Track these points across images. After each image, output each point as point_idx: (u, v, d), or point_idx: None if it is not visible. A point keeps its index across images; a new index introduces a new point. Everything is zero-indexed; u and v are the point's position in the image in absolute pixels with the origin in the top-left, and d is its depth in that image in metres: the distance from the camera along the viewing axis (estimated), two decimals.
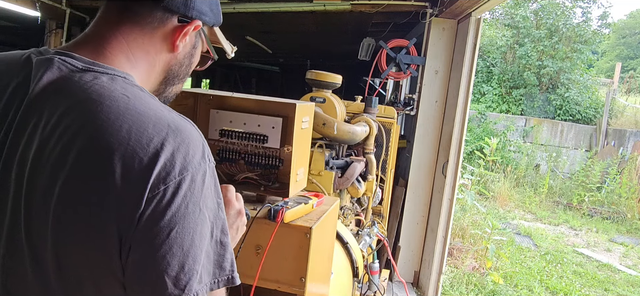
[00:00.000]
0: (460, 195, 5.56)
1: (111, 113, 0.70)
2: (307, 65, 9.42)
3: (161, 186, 0.68)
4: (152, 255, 0.68)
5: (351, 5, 4.12)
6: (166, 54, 0.86)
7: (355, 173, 2.59)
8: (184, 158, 0.71)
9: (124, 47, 0.81)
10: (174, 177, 0.69)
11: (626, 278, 5.76)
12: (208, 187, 0.74)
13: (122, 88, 0.75)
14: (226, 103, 1.51)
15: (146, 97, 0.76)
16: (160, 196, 0.68)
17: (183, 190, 0.69)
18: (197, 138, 0.75)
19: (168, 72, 0.88)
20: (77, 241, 0.69)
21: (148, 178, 0.67)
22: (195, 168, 0.72)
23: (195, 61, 0.93)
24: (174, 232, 0.68)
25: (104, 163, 0.68)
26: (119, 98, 0.72)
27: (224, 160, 1.51)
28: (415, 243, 4.35)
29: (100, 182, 0.67)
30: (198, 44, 0.91)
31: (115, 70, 0.78)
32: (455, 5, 3.65)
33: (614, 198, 8.89)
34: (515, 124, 11.33)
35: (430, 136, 4.20)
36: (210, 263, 0.74)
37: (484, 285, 4.86)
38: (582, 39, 12.83)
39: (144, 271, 0.68)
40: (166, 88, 0.91)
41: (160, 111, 0.74)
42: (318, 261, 1.44)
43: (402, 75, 4.16)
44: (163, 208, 0.68)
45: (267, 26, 5.78)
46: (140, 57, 0.83)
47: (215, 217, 0.75)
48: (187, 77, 0.94)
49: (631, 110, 11.98)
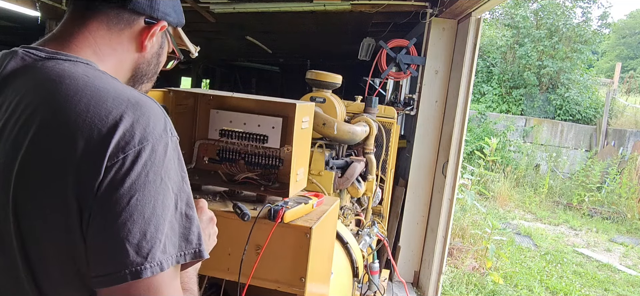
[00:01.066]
0: (460, 195, 5.56)
1: (70, 89, 0.72)
2: (307, 65, 9.43)
3: (120, 154, 0.68)
4: (113, 223, 0.66)
5: (351, 5, 4.12)
6: (134, 53, 0.88)
7: (355, 173, 2.59)
8: (144, 128, 0.71)
9: (91, 42, 0.83)
10: (133, 146, 0.69)
11: (626, 278, 5.76)
12: (170, 158, 0.73)
13: (83, 70, 0.76)
14: (226, 103, 1.52)
15: (107, 77, 0.78)
16: (119, 164, 0.67)
17: (143, 158, 0.69)
18: (158, 113, 0.76)
19: (136, 70, 0.91)
20: (39, 216, 0.70)
21: (106, 148, 0.68)
22: (156, 139, 0.72)
23: (163, 60, 0.96)
24: (134, 199, 0.67)
25: (63, 135, 0.69)
26: (79, 77, 0.74)
27: (224, 160, 1.51)
28: (415, 243, 4.35)
29: (58, 154, 0.68)
30: (164, 43, 0.94)
31: (79, 57, 0.80)
32: (455, 5, 3.65)
33: (614, 198, 8.89)
34: (515, 124, 11.33)
35: (430, 136, 4.20)
36: (175, 235, 0.72)
37: (484, 285, 4.86)
38: (582, 39, 12.82)
39: (105, 240, 0.67)
40: (134, 87, 0.92)
41: (120, 88, 0.76)
42: (318, 261, 1.44)
43: (402, 75, 4.16)
44: (122, 176, 0.67)
45: (267, 26, 5.78)
46: (107, 54, 0.84)
47: (180, 190, 0.74)
48: (156, 76, 0.97)
49: (631, 110, 11.98)
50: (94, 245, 0.68)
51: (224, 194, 1.51)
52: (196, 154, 1.55)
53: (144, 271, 0.66)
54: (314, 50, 8.74)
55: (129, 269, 0.66)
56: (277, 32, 6.46)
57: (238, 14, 4.45)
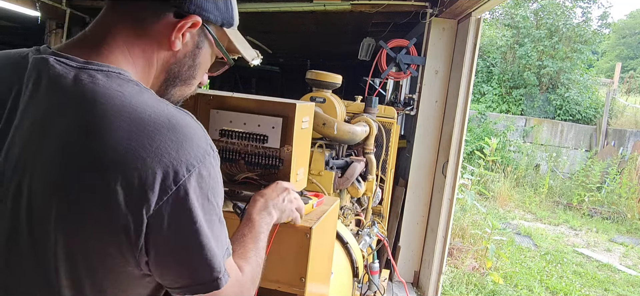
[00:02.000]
0: (460, 195, 5.56)
1: (107, 111, 0.70)
2: (307, 65, 9.43)
3: (173, 187, 0.70)
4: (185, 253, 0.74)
5: (351, 5, 4.12)
6: (165, 52, 0.83)
7: (355, 173, 2.59)
8: (189, 153, 0.72)
9: (121, 45, 0.79)
10: (183, 176, 0.70)
11: (626, 278, 5.76)
12: (214, 176, 0.77)
13: (117, 85, 0.74)
14: (226, 103, 1.51)
15: (142, 92, 0.76)
16: (174, 196, 0.70)
17: (193, 185, 0.72)
18: (199, 130, 0.76)
19: (168, 71, 0.85)
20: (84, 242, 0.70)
21: (155, 178, 0.68)
22: (200, 161, 0.73)
23: (202, 63, 0.89)
24: (197, 226, 0.73)
25: (105, 166, 0.67)
26: (114, 96, 0.72)
27: (224, 160, 1.51)
28: (415, 243, 4.36)
29: (103, 186, 0.68)
30: (203, 44, 0.87)
31: (110, 66, 0.76)
32: (455, 5, 3.65)
33: (614, 198, 8.89)
34: (515, 124, 11.33)
35: (430, 136, 4.20)
36: (221, 242, 0.80)
37: (484, 285, 4.86)
38: (582, 39, 12.83)
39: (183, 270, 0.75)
40: (167, 90, 0.88)
41: (158, 105, 0.74)
42: (318, 261, 1.44)
43: (402, 75, 4.16)
44: (181, 207, 0.71)
45: (267, 26, 5.78)
46: (137, 55, 0.81)
47: (220, 202, 0.80)
48: (194, 79, 0.90)
49: (631, 110, 11.98)
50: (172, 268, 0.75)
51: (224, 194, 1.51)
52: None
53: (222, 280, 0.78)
54: (314, 50, 8.74)
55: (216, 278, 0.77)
56: (277, 32, 6.46)
57: (238, 14, 4.45)
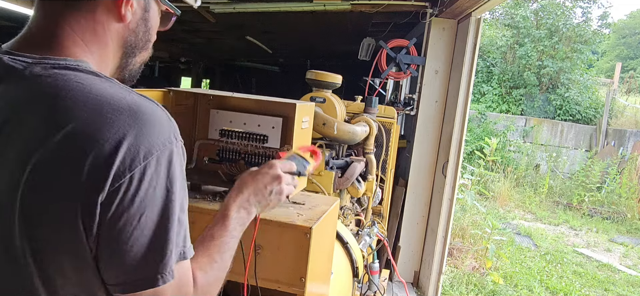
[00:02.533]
0: (460, 195, 5.56)
1: (67, 104, 0.70)
2: (307, 65, 9.42)
3: (127, 173, 0.68)
4: (127, 241, 0.70)
5: (351, 5, 4.12)
6: (116, 26, 0.82)
7: (355, 173, 2.59)
8: (148, 140, 0.70)
9: (71, 34, 0.78)
10: (139, 162, 0.69)
11: (626, 278, 5.76)
12: (175, 166, 0.74)
13: (75, 77, 0.73)
14: (226, 103, 1.52)
15: (102, 82, 0.75)
16: (126, 184, 0.68)
17: (149, 174, 0.70)
18: (162, 118, 0.74)
19: (125, 45, 0.85)
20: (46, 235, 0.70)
21: (111, 165, 0.67)
22: (160, 149, 0.71)
23: (154, 24, 0.89)
24: (144, 217, 0.70)
25: (65, 155, 0.68)
26: (73, 87, 0.71)
27: (224, 160, 1.51)
28: (415, 243, 4.35)
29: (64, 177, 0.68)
30: (150, 5, 0.86)
31: (67, 59, 0.76)
32: (455, 5, 3.65)
33: (614, 198, 8.89)
34: (515, 124, 11.33)
35: (430, 136, 4.20)
36: (179, 237, 0.76)
37: (484, 285, 4.86)
38: (582, 39, 12.82)
39: (120, 257, 0.70)
40: (128, 61, 0.87)
41: (118, 93, 0.73)
42: (318, 261, 1.44)
43: (402, 75, 4.16)
44: (131, 196, 0.69)
45: (267, 26, 5.78)
46: (90, 40, 0.79)
47: (182, 197, 0.76)
48: (150, 43, 0.90)
49: (631, 110, 11.98)
50: (107, 259, 0.71)
51: (224, 194, 1.51)
52: (196, 154, 1.55)
53: (159, 281, 0.72)
54: (314, 50, 8.73)
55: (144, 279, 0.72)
56: (277, 32, 6.46)
57: (238, 14, 4.45)
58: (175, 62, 11.10)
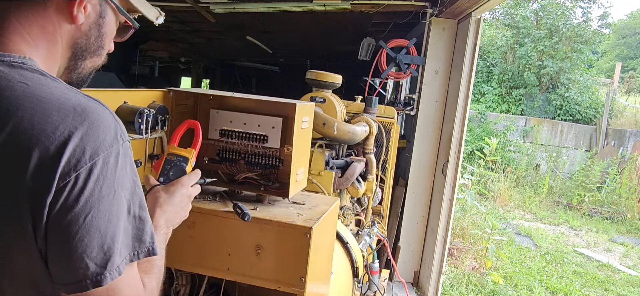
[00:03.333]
0: (460, 195, 5.56)
1: (10, 104, 0.68)
2: (307, 65, 9.42)
3: (72, 173, 0.68)
4: (72, 240, 0.69)
5: (351, 5, 4.12)
6: (67, 26, 0.80)
7: (355, 173, 2.59)
8: (94, 141, 0.70)
9: (18, 28, 0.76)
10: (84, 163, 0.68)
11: (626, 278, 5.76)
12: (122, 166, 0.73)
13: (19, 75, 0.72)
14: (226, 103, 1.52)
15: (47, 82, 0.73)
16: (72, 183, 0.68)
17: (95, 174, 0.69)
18: (107, 119, 0.73)
19: (75, 46, 0.83)
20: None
21: (56, 166, 0.67)
22: (106, 150, 0.71)
23: (108, 31, 0.87)
24: (90, 216, 0.69)
25: (9, 155, 0.67)
26: (16, 87, 0.70)
27: (224, 160, 1.51)
28: (415, 243, 4.35)
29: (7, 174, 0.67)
30: (106, 12, 0.85)
31: (12, 56, 0.74)
32: (455, 5, 3.65)
33: (614, 198, 8.89)
34: (515, 124, 11.33)
35: (430, 136, 4.20)
36: (128, 237, 0.75)
37: (484, 285, 4.86)
38: (582, 39, 12.82)
39: (66, 256, 0.70)
40: (77, 64, 0.85)
41: (64, 94, 0.72)
42: (318, 261, 1.44)
43: (402, 75, 4.16)
44: (77, 195, 0.68)
45: (267, 26, 5.78)
46: (38, 36, 0.78)
47: (132, 194, 0.76)
48: (103, 49, 0.88)
49: (631, 110, 11.98)
50: (54, 259, 0.70)
51: (224, 194, 1.51)
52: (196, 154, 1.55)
53: (104, 280, 0.71)
54: (314, 50, 8.73)
55: (90, 279, 0.70)
56: (277, 32, 6.46)
57: (238, 14, 4.45)
58: (175, 62, 11.11)
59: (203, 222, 1.38)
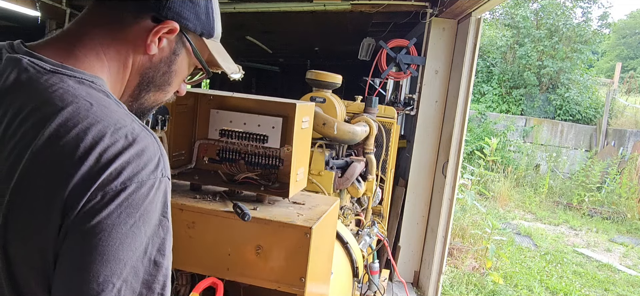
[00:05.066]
0: (460, 195, 5.56)
1: (71, 117, 0.69)
2: (307, 65, 9.42)
3: (99, 192, 0.66)
4: (74, 257, 0.66)
5: (351, 5, 4.12)
6: (140, 56, 0.82)
7: (355, 173, 2.59)
8: (133, 169, 0.68)
9: (96, 46, 0.78)
10: (115, 186, 0.67)
11: (626, 278, 5.76)
12: (152, 200, 0.70)
13: (86, 93, 0.72)
14: (226, 103, 1.52)
15: (110, 104, 0.74)
16: (96, 200, 0.66)
17: (120, 198, 0.67)
18: (153, 151, 0.72)
19: (142, 76, 0.84)
20: (24, 248, 0.69)
21: (90, 185, 0.66)
22: (142, 179, 0.69)
23: (178, 69, 0.87)
24: (97, 239, 0.65)
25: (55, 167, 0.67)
26: (81, 104, 0.70)
27: (224, 160, 1.51)
28: (415, 243, 4.36)
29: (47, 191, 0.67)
30: (180, 51, 0.85)
31: (84, 73, 0.75)
32: (455, 5, 3.65)
33: (614, 198, 8.89)
34: (515, 124, 11.33)
35: (430, 136, 4.20)
36: (137, 281, 0.70)
37: (484, 285, 4.86)
38: (582, 39, 12.83)
39: (64, 271, 0.67)
40: (141, 94, 0.86)
41: (121, 119, 0.72)
42: (318, 261, 1.44)
43: (402, 75, 4.16)
44: (93, 213, 0.66)
45: (267, 26, 5.78)
46: (112, 57, 0.80)
47: (154, 234, 0.71)
48: (169, 86, 0.88)
49: (631, 110, 11.98)
50: (57, 271, 0.68)
51: (224, 194, 1.51)
52: (196, 154, 1.55)
53: None
54: (314, 50, 8.74)
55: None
56: (277, 32, 6.46)
57: (238, 14, 4.45)
58: None
59: (203, 222, 1.38)
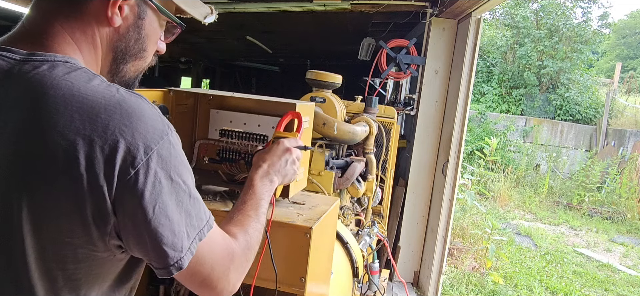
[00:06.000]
0: (460, 195, 5.56)
1: (57, 102, 0.69)
2: (307, 65, 9.42)
3: (131, 170, 0.70)
4: (146, 233, 0.73)
5: (351, 5, 4.12)
6: (106, 29, 0.80)
7: (355, 173, 2.59)
8: (145, 136, 0.71)
9: (60, 31, 0.78)
10: (141, 159, 0.70)
11: (626, 278, 5.76)
12: (174, 155, 0.76)
13: (63, 74, 0.72)
14: (226, 103, 1.52)
15: (90, 78, 0.74)
16: (133, 180, 0.70)
17: (153, 168, 0.72)
18: (152, 112, 0.75)
19: (115, 50, 0.83)
20: (53, 236, 0.71)
21: (113, 164, 0.69)
22: (158, 143, 0.73)
23: (149, 33, 0.86)
24: (157, 207, 0.72)
25: (64, 158, 0.68)
26: (62, 85, 0.71)
27: (224, 160, 1.51)
28: (415, 243, 4.36)
29: (64, 178, 0.68)
30: (145, 14, 0.83)
31: (55, 56, 0.75)
32: (455, 5, 3.65)
33: (614, 198, 8.89)
34: (515, 124, 11.33)
35: (430, 136, 4.20)
36: (192, 218, 0.78)
37: (484, 285, 4.86)
38: (582, 39, 12.83)
39: (145, 248, 0.74)
40: (119, 68, 0.85)
41: (108, 91, 0.73)
42: (318, 261, 1.44)
43: (402, 75, 4.16)
44: (141, 191, 0.71)
45: (267, 26, 5.78)
46: (79, 39, 0.79)
47: (186, 178, 0.78)
48: (145, 52, 0.87)
49: (631, 110, 11.98)
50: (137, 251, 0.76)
51: (224, 194, 1.51)
52: (196, 154, 1.55)
53: (183, 262, 0.76)
54: (314, 50, 8.73)
55: (173, 265, 0.75)
56: (277, 32, 6.46)
57: (238, 14, 4.45)
58: (175, 62, 11.10)
59: None
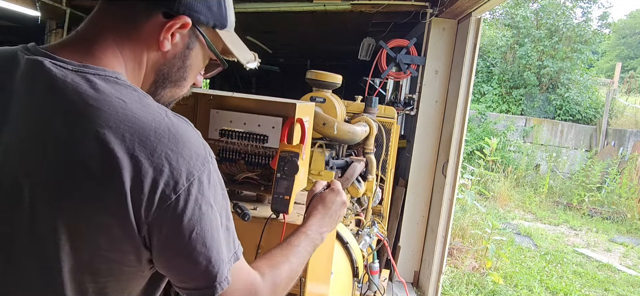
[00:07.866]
0: (460, 195, 5.56)
1: (111, 120, 0.70)
2: (307, 65, 9.42)
3: (172, 196, 0.72)
4: (182, 257, 0.76)
5: (351, 5, 4.12)
6: (154, 53, 0.82)
7: (355, 173, 2.58)
8: (188, 162, 0.73)
9: (112, 45, 0.79)
10: (183, 185, 0.72)
11: (626, 278, 5.76)
12: (213, 183, 0.78)
13: (117, 91, 0.74)
14: (226, 103, 1.52)
15: (141, 99, 0.75)
16: (173, 205, 0.72)
17: (193, 194, 0.74)
18: (197, 139, 0.77)
19: (157, 73, 0.84)
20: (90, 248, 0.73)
21: (156, 188, 0.71)
22: (200, 170, 0.75)
23: (193, 64, 0.87)
24: (195, 234, 0.74)
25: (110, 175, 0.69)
26: (116, 104, 0.72)
27: (224, 160, 1.51)
28: (415, 243, 4.35)
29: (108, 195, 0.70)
30: (193, 45, 0.85)
31: (106, 70, 0.76)
32: (455, 5, 3.65)
33: (614, 198, 8.89)
34: (515, 124, 11.33)
35: (430, 136, 4.20)
36: (226, 246, 0.81)
37: (484, 285, 4.86)
38: (582, 39, 12.82)
39: (181, 273, 0.78)
40: (157, 91, 0.87)
41: (158, 114, 0.75)
42: (318, 261, 1.44)
43: (402, 75, 4.16)
44: (180, 216, 0.73)
45: (267, 26, 5.78)
46: (128, 56, 0.81)
47: (222, 207, 0.80)
48: (185, 81, 0.88)
49: (631, 110, 11.98)
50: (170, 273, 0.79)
51: None
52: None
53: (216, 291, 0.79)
54: (314, 50, 8.73)
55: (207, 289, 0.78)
56: (277, 32, 6.46)
57: (238, 14, 4.43)
58: None
59: None
